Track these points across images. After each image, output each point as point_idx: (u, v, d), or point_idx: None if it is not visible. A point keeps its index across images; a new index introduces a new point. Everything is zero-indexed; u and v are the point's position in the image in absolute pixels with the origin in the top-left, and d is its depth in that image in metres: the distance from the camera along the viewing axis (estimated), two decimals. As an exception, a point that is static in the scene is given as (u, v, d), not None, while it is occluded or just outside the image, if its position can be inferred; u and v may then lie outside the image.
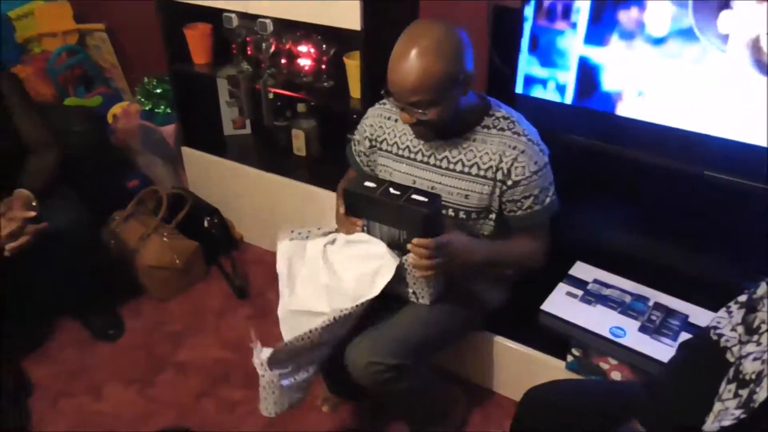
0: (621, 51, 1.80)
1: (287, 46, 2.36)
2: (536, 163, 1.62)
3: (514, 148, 1.61)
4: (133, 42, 3.26)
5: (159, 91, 2.87)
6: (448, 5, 2.20)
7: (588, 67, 1.87)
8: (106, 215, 2.58)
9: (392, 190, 1.57)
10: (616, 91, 1.87)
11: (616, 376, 1.79)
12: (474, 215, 1.70)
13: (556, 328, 1.89)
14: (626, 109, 1.87)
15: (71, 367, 2.23)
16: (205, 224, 2.66)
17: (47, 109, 2.61)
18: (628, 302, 1.93)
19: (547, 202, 1.67)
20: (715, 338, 1.22)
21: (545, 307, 1.91)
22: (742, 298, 1.23)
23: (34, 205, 2.00)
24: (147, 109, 2.87)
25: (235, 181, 2.71)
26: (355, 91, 2.26)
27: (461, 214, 1.70)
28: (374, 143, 1.81)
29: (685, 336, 1.79)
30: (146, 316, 2.45)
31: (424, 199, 1.53)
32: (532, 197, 1.64)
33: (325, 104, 2.45)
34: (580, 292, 1.97)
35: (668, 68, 1.76)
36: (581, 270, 2.06)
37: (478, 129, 1.66)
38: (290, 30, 2.33)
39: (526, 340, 1.94)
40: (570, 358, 1.85)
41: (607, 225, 2.12)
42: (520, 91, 2.02)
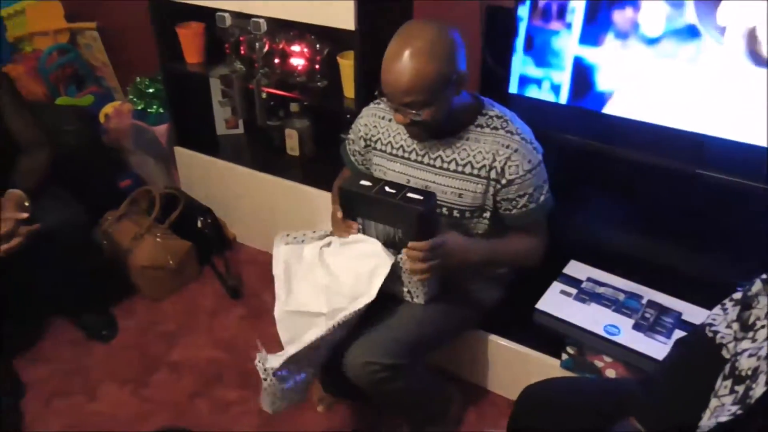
0: (616, 51, 1.81)
1: (281, 45, 2.36)
2: (530, 161, 1.63)
3: (508, 147, 1.62)
4: (124, 41, 3.24)
5: (151, 90, 2.86)
6: (441, 5, 2.21)
7: (583, 67, 1.88)
8: (99, 215, 2.57)
9: (388, 189, 1.57)
10: (610, 91, 1.87)
11: (610, 373, 1.80)
12: (468, 214, 1.71)
13: (550, 326, 1.90)
14: (621, 108, 1.88)
15: (65, 367, 2.22)
16: (199, 224, 2.66)
17: (39, 108, 2.59)
18: (622, 300, 1.94)
19: (541, 200, 1.67)
20: (710, 335, 1.23)
21: (540, 305, 1.92)
22: (737, 295, 1.24)
23: (27, 205, 1.99)
24: (139, 108, 2.86)
25: (228, 181, 2.70)
26: (349, 90, 2.26)
27: (455, 213, 1.71)
28: (369, 143, 1.81)
29: (678, 333, 1.80)
30: (140, 316, 2.44)
31: (420, 197, 1.54)
32: (527, 196, 1.65)
33: (319, 104, 2.44)
34: (574, 291, 1.97)
35: (663, 68, 1.77)
36: (575, 269, 2.06)
37: (472, 128, 1.66)
38: (284, 29, 2.33)
39: (521, 338, 1.95)
40: (565, 356, 1.86)
41: (601, 224, 2.14)
42: (514, 91, 2.02)
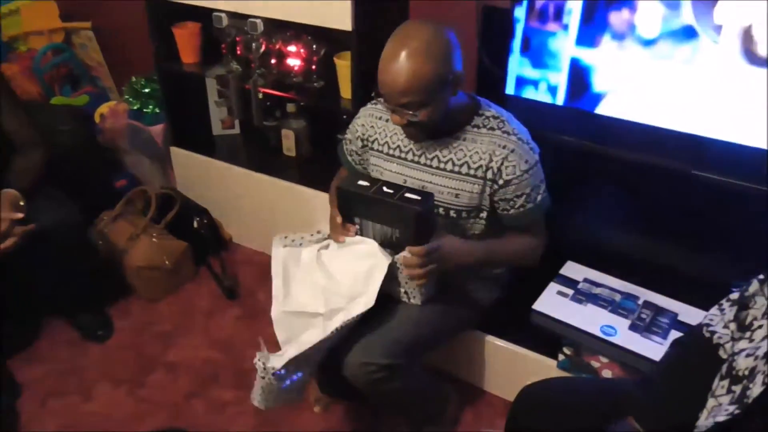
0: (612, 52, 1.81)
1: (277, 46, 2.35)
2: (527, 161, 1.63)
3: (504, 147, 1.62)
4: (119, 41, 3.24)
5: (147, 90, 2.86)
6: (437, 6, 2.21)
7: (579, 68, 1.89)
8: (94, 215, 2.56)
9: (386, 189, 1.58)
10: (607, 92, 1.88)
11: (607, 374, 1.81)
12: (464, 214, 1.71)
13: (547, 327, 1.90)
14: (617, 109, 1.89)
15: (60, 367, 2.21)
16: (195, 225, 2.65)
17: (34, 107, 2.58)
18: (618, 301, 1.94)
19: (539, 200, 1.68)
20: (707, 335, 1.23)
21: (537, 306, 1.92)
22: (734, 295, 1.24)
23: (22, 205, 1.98)
24: (135, 108, 2.85)
25: (225, 182, 2.70)
26: (346, 91, 2.25)
27: (452, 213, 1.71)
28: (366, 143, 1.81)
29: (674, 334, 1.80)
30: (135, 316, 2.44)
31: (417, 197, 1.54)
32: (524, 196, 1.65)
33: (315, 104, 2.44)
34: (570, 291, 1.98)
35: (659, 69, 1.77)
36: (572, 269, 2.07)
37: (468, 128, 1.66)
38: (280, 30, 2.33)
39: (518, 339, 1.95)
40: (561, 357, 1.86)
41: (598, 225, 2.14)
42: (511, 92, 2.03)
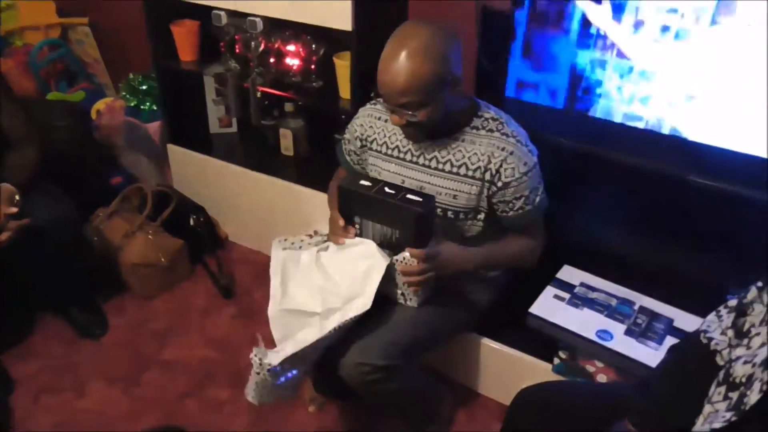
0: (613, 56, 1.82)
1: (276, 45, 2.35)
2: (525, 164, 1.63)
3: (503, 150, 1.62)
4: (116, 37, 3.23)
5: (144, 87, 2.85)
6: (437, 6, 2.21)
7: (580, 71, 1.89)
8: (89, 212, 2.55)
9: (387, 189, 1.59)
10: (606, 95, 1.88)
11: (601, 378, 1.81)
12: (462, 215, 1.71)
13: (543, 330, 1.90)
14: (615, 113, 1.89)
15: (54, 363, 2.20)
16: (191, 223, 2.65)
17: (30, 103, 2.57)
18: (615, 306, 1.94)
19: (537, 201, 1.68)
20: (705, 341, 1.24)
21: (533, 309, 1.91)
22: (732, 302, 1.24)
23: (17, 199, 1.97)
24: (132, 105, 2.85)
25: (221, 180, 2.69)
26: (345, 91, 2.25)
27: (449, 214, 1.71)
28: (365, 143, 1.81)
29: (669, 340, 1.80)
30: (130, 314, 2.43)
31: (419, 199, 1.55)
32: (523, 198, 1.66)
33: (314, 104, 2.44)
34: (567, 296, 1.98)
35: (659, 72, 1.78)
36: (568, 273, 2.07)
37: (467, 130, 1.67)
38: (279, 29, 2.32)
39: (514, 342, 1.95)
40: (557, 360, 1.86)
41: (595, 229, 2.14)
42: (511, 94, 2.03)
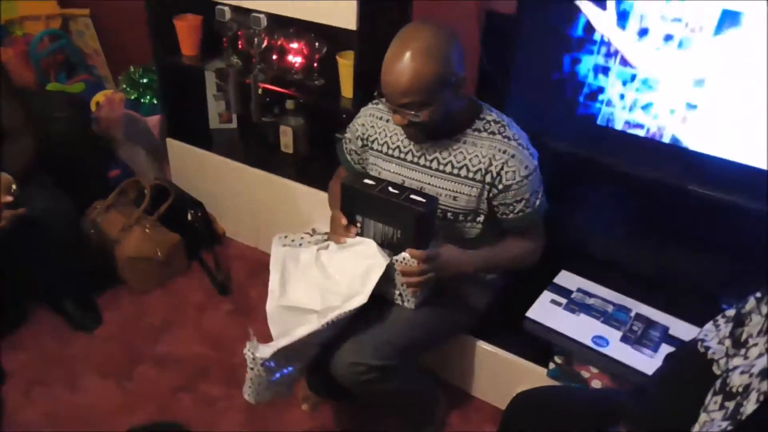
0: (615, 62, 1.83)
1: (279, 42, 2.35)
2: (526, 167, 1.64)
3: (504, 152, 1.63)
4: (117, 29, 3.22)
5: (145, 80, 2.84)
6: (439, 6, 2.21)
7: (581, 75, 1.89)
8: (86, 204, 2.53)
9: (391, 189, 1.59)
10: (607, 101, 1.89)
11: (596, 384, 1.81)
12: (462, 217, 1.72)
13: (539, 335, 1.90)
14: (616, 120, 1.90)
15: (46, 356, 2.19)
16: (188, 217, 2.64)
17: (29, 94, 2.57)
18: (611, 312, 1.95)
19: (537, 204, 1.69)
20: (702, 350, 1.24)
21: (530, 314, 1.92)
22: (730, 312, 1.25)
23: (14, 189, 1.96)
24: (132, 98, 2.83)
25: (220, 176, 2.68)
26: (347, 90, 2.25)
27: (449, 216, 1.72)
28: (366, 142, 1.81)
29: (665, 347, 1.82)
30: (125, 307, 2.42)
31: (422, 199, 1.56)
32: (524, 201, 1.66)
33: (315, 102, 2.43)
34: (564, 301, 1.98)
35: (659, 78, 1.79)
36: (565, 279, 2.07)
37: (469, 131, 1.67)
38: (283, 26, 2.32)
39: (509, 345, 1.95)
40: (552, 365, 1.86)
41: (593, 235, 2.14)
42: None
